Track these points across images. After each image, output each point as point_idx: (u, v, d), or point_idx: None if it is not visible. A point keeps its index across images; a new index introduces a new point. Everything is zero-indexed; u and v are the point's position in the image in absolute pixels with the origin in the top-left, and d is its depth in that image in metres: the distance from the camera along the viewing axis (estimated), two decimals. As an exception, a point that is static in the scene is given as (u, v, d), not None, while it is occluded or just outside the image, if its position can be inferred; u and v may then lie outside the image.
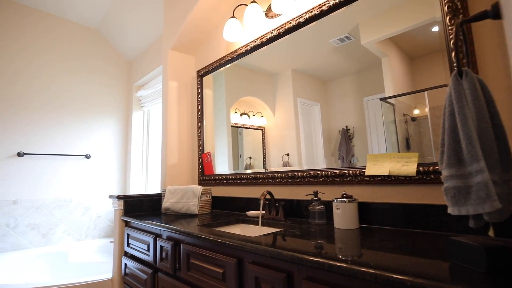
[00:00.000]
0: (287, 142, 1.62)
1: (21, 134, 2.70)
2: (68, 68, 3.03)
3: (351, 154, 1.34)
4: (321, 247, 0.85)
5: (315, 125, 1.49)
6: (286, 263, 0.85)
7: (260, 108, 1.81)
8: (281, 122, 1.66)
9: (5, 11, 2.72)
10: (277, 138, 1.68)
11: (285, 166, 1.61)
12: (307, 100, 1.53)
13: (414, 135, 1.15)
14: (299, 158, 1.55)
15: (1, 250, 2.51)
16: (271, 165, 1.71)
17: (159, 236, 1.45)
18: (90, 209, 3.01)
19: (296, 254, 0.79)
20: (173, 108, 2.22)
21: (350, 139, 1.35)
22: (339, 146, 1.39)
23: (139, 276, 1.56)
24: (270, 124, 1.74)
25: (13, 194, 2.62)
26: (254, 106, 1.86)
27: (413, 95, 1.16)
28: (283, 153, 1.63)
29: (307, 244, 0.89)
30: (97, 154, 3.13)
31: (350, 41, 1.37)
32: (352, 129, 1.35)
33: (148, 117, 3.39)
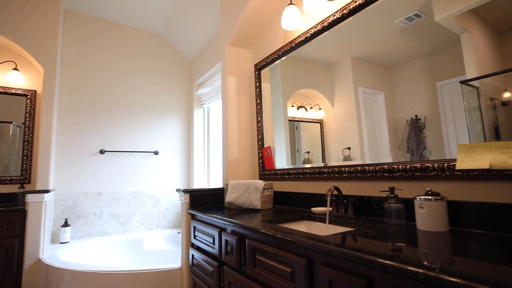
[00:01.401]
0: (347, 135, 1.51)
1: (102, 134, 3.04)
2: (138, 72, 3.31)
3: (422, 146, 1.17)
4: (407, 251, 0.73)
5: (379, 116, 1.35)
6: (365, 268, 0.75)
7: (317, 101, 1.72)
8: (341, 114, 1.55)
9: (85, 24, 3.08)
10: (336, 131, 1.58)
11: (346, 160, 1.50)
12: (369, 89, 1.40)
13: (505, 123, 0.94)
14: (362, 152, 1.42)
15: (91, 235, 2.88)
16: (330, 159, 1.62)
17: (224, 230, 1.47)
18: (160, 201, 3.26)
19: (379, 259, 0.69)
20: (232, 103, 2.24)
21: (421, 130, 1.18)
22: (408, 138, 1.22)
23: (205, 268, 1.61)
24: (329, 116, 1.64)
25: (97, 187, 2.97)
26: (311, 99, 1.78)
27: (502, 75, 0.95)
28: (344, 147, 1.52)
29: (388, 248, 0.78)
30: (164, 151, 3.37)
31: (420, 19, 1.18)
32: (423, 119, 1.17)
33: (208, 114, 3.51)
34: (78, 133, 2.93)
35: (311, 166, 1.72)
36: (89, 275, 1.91)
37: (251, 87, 2.33)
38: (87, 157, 2.95)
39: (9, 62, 2.66)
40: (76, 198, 2.85)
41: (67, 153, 2.87)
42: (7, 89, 2.64)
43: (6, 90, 2.63)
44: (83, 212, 2.87)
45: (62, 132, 2.86)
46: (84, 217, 2.87)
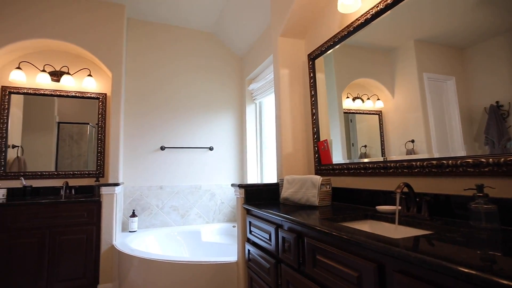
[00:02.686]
0: (411, 126, 1.35)
1: (162, 131, 3.24)
2: (192, 71, 3.44)
3: (506, 137, 0.96)
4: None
5: (449, 104, 1.17)
6: (454, 281, 0.63)
7: (375, 91, 1.58)
8: (403, 103, 1.40)
9: (144, 29, 3.29)
10: (398, 122, 1.43)
11: (409, 154, 1.35)
12: (436, 75, 1.23)
13: None
14: (428, 145, 1.26)
15: (154, 226, 3.10)
16: (390, 153, 1.47)
17: (281, 227, 1.42)
18: (215, 195, 3.36)
19: (479, 273, 0.56)
20: (285, 96, 2.17)
21: (504, 118, 0.98)
22: (487, 127, 1.03)
23: (262, 264, 1.58)
24: (388, 107, 1.49)
25: (159, 181, 3.18)
26: (368, 89, 1.64)
27: None
28: (407, 140, 1.37)
29: (486, 258, 0.64)
30: (218, 146, 3.46)
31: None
32: (507, 105, 0.97)
33: (260, 109, 3.50)
34: (141, 131, 3.17)
35: (369, 160, 1.60)
36: (154, 263, 2.04)
37: (304, 78, 2.23)
38: (150, 153, 3.18)
39: (85, 69, 2.98)
40: (141, 191, 3.10)
41: (133, 150, 3.12)
42: (84, 93, 2.96)
43: (82, 94, 2.96)
44: (148, 204, 3.10)
45: (128, 131, 3.13)
46: (149, 209, 3.10)
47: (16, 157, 2.74)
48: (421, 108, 1.30)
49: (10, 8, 2.60)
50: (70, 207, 2.39)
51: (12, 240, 2.23)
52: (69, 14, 2.76)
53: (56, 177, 2.81)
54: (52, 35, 2.68)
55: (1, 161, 2.67)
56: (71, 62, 2.95)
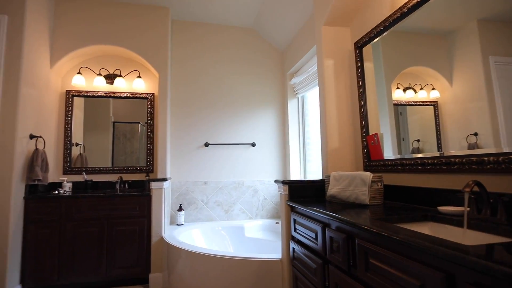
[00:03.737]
0: (473, 117, 1.19)
1: (206, 128, 3.32)
2: (233, 68, 3.47)
3: None
4: None
5: None
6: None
7: (430, 79, 1.43)
8: (463, 92, 1.24)
9: (186, 29, 3.39)
10: (457, 113, 1.27)
11: (472, 148, 1.19)
12: (506, 58, 1.06)
13: None
14: (496, 138, 1.09)
15: (200, 220, 3.20)
16: (448, 148, 1.32)
17: (328, 226, 1.34)
18: (258, 191, 3.36)
19: None
20: (330, 88, 2.06)
21: None
22: None
23: (307, 264, 1.52)
24: (445, 97, 1.34)
25: (204, 176, 3.27)
26: (421, 78, 1.49)
27: None
28: (468, 133, 1.21)
29: None
30: (260, 142, 3.44)
31: None
32: None
33: (303, 103, 3.40)
34: (186, 128, 3.28)
35: (424, 156, 1.46)
36: (200, 256, 2.09)
37: (351, 69, 2.09)
38: (195, 150, 3.28)
39: (135, 71, 3.17)
40: (187, 187, 3.21)
41: (179, 146, 3.25)
42: (134, 94, 3.15)
43: (133, 95, 3.15)
44: (193, 199, 3.21)
45: (174, 128, 3.26)
46: (194, 204, 3.21)
47: (79, 154, 3.02)
48: (487, 97, 1.14)
49: (71, 20, 2.85)
50: (124, 200, 2.57)
51: (76, 228, 2.47)
52: (120, 20, 2.94)
53: (112, 172, 3.04)
54: (106, 41, 2.88)
55: (67, 158, 2.96)
56: (122, 65, 3.16)
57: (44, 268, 2.39)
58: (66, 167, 2.94)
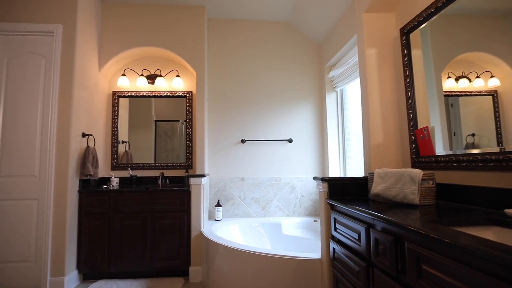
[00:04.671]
0: None
1: (243, 124, 3.33)
2: (270, 63, 3.42)
3: None
4: None
5: None
6: None
7: (488, 66, 1.28)
8: None
9: (222, 26, 3.41)
10: None
11: None
12: None
13: None
14: None
15: (237, 216, 3.23)
16: (510, 142, 1.16)
17: (372, 227, 1.25)
18: (295, 188, 3.29)
19: None
20: (373, 79, 1.92)
21: None
22: None
23: (349, 265, 1.44)
24: (508, 85, 1.18)
25: (240, 173, 3.29)
26: (477, 65, 1.34)
27: None
28: None
29: None
30: (297, 138, 3.37)
31: None
32: None
33: (342, 97, 3.25)
34: (223, 125, 3.32)
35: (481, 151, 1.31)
36: (238, 252, 2.10)
37: (396, 57, 1.93)
38: (232, 146, 3.31)
39: (174, 70, 3.27)
40: (225, 183, 3.26)
41: (216, 143, 3.30)
42: (173, 93, 3.26)
43: (172, 94, 3.26)
44: (231, 195, 3.25)
45: (212, 126, 3.31)
46: (232, 200, 3.24)
47: (125, 151, 3.21)
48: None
49: (115, 26, 3.03)
50: (165, 195, 2.67)
51: (123, 221, 2.62)
52: (158, 22, 3.05)
53: (154, 168, 3.18)
54: (146, 43, 3.02)
55: (114, 154, 3.16)
56: (162, 65, 3.28)
57: (96, 256, 2.58)
58: (114, 163, 3.15)
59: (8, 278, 2.40)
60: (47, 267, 2.37)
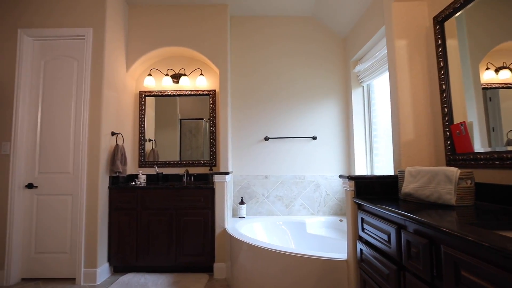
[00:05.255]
0: None
1: (265, 122, 3.31)
2: (293, 59, 3.36)
3: None
4: None
5: None
6: None
7: None
8: None
9: (245, 24, 3.40)
10: None
11: None
12: None
13: None
14: None
15: (261, 214, 3.22)
16: None
17: (404, 228, 1.18)
18: (320, 186, 3.22)
19: None
20: (403, 72, 1.82)
21: None
22: None
23: (378, 268, 1.37)
24: None
25: (264, 171, 3.27)
26: None
27: None
28: None
29: None
30: (322, 135, 3.29)
31: None
32: None
33: (369, 92, 3.12)
34: (246, 123, 3.31)
35: None
36: (262, 250, 2.09)
37: (429, 48, 1.81)
38: (255, 144, 3.30)
39: (197, 69, 3.31)
40: (248, 180, 3.25)
41: (240, 141, 3.30)
42: (197, 91, 3.30)
43: (196, 92, 3.30)
44: (254, 192, 3.24)
45: (235, 123, 3.32)
46: (255, 197, 3.24)
47: (151, 149, 3.31)
48: None
49: (141, 28, 3.11)
50: (190, 192, 2.72)
51: (150, 217, 2.70)
52: (182, 22, 3.10)
53: (180, 165, 3.25)
54: (171, 43, 3.07)
55: (141, 152, 3.27)
56: (186, 64, 3.33)
57: (125, 250, 2.68)
58: (141, 161, 3.25)
59: (47, 267, 2.56)
60: (81, 259, 2.50)
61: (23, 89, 2.62)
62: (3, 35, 2.66)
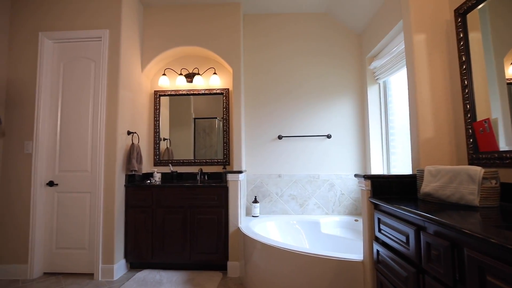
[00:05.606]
0: None
1: (280, 121, 3.28)
2: (307, 57, 3.32)
3: None
4: None
5: None
6: None
7: None
8: None
9: (257, 21, 3.38)
10: None
11: None
12: None
13: None
14: None
15: (274, 213, 3.20)
16: None
17: (423, 229, 1.14)
18: (334, 186, 3.17)
19: None
20: (422, 68, 1.75)
21: None
22: None
23: (396, 270, 1.33)
24: None
25: (277, 169, 3.25)
26: None
27: None
28: None
29: None
30: (336, 134, 3.23)
31: None
32: None
33: (385, 89, 3.04)
34: (260, 122, 3.30)
35: None
36: (275, 250, 2.07)
37: (449, 42, 1.74)
38: (268, 142, 3.28)
39: (211, 68, 3.33)
40: (262, 179, 3.24)
41: (253, 140, 3.29)
42: (211, 90, 3.32)
43: (210, 91, 3.32)
44: (268, 191, 3.23)
45: (248, 121, 3.31)
46: (269, 196, 3.22)
47: (166, 147, 3.35)
48: None
49: (156, 28, 3.15)
50: (204, 191, 2.73)
51: (165, 215, 2.74)
52: (195, 21, 3.11)
53: (194, 164, 3.28)
54: (185, 43, 3.10)
55: (156, 151, 3.32)
56: (200, 64, 3.35)
57: (141, 247, 2.73)
58: (156, 160, 3.30)
59: (67, 262, 2.65)
60: (99, 255, 2.56)
61: (44, 90, 2.71)
62: (25, 38, 2.76)
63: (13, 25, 2.80)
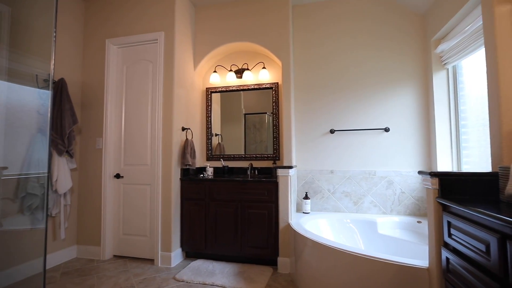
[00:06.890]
0: None
1: (331, 114, 3.13)
2: (361, 43, 3.09)
3: None
4: None
5: None
6: None
7: None
8: None
9: (308, 12, 3.24)
10: None
11: None
12: None
13: None
14: None
15: (326, 210, 3.08)
16: None
17: (509, 238, 0.95)
18: (393, 183, 2.92)
19: None
20: (506, 47, 1.48)
21: None
22: None
23: (471, 283, 1.15)
24: None
25: (329, 165, 3.11)
26: None
27: None
28: None
29: None
30: (395, 127, 2.96)
31: None
32: None
33: (454, 75, 2.68)
34: (310, 115, 3.19)
35: None
36: (327, 248, 1.98)
37: (544, 12, 1.43)
38: (319, 137, 3.15)
39: (260, 63, 3.31)
40: (313, 175, 3.14)
41: (304, 134, 3.20)
42: (260, 85, 3.30)
43: (259, 86, 3.31)
44: (319, 187, 3.11)
45: (299, 116, 3.22)
46: (320, 193, 3.11)
47: (218, 143, 3.45)
48: None
49: (206, 27, 3.24)
50: (254, 186, 2.75)
51: (217, 207, 2.83)
52: (243, 17, 3.12)
53: (244, 159, 3.32)
54: (234, 39, 3.13)
55: (208, 146, 3.44)
56: (249, 59, 3.36)
57: (195, 238, 2.87)
58: (208, 154, 3.42)
59: (132, 247, 2.91)
60: (158, 243, 2.76)
61: (110, 92, 3.00)
62: (96, 45, 3.08)
63: (86, 35, 3.15)
